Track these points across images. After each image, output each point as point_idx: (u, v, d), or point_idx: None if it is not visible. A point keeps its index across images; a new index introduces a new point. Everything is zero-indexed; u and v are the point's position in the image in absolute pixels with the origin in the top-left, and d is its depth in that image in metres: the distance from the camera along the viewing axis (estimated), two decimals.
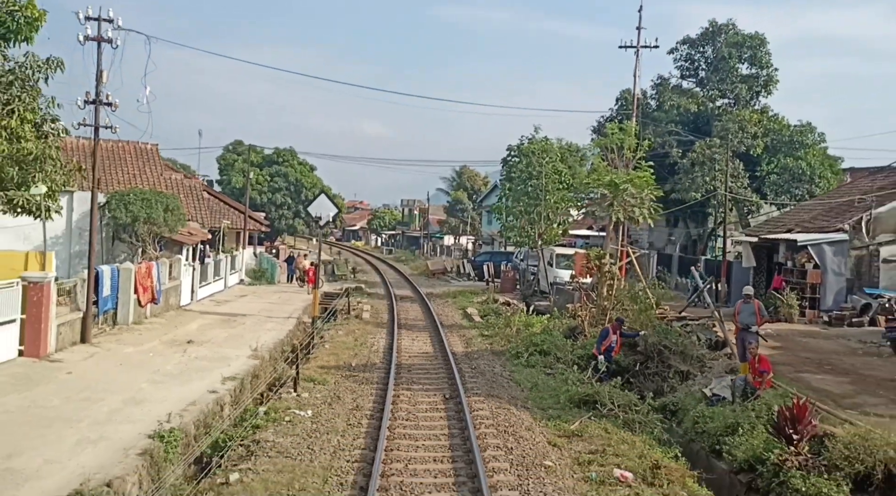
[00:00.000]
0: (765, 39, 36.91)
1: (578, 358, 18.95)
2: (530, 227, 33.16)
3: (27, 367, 14.78)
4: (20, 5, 15.92)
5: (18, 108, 15.56)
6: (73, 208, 26.05)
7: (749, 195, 35.37)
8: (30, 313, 15.27)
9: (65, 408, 12.15)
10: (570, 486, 10.50)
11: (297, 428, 12.64)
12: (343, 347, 21.19)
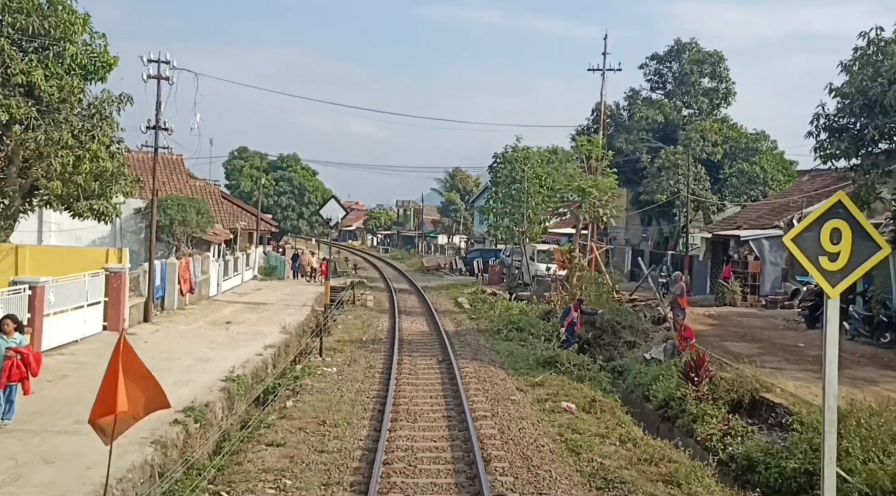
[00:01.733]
0: (723, 56, 41.25)
1: (548, 333, 23.13)
2: (514, 226, 37.35)
3: (112, 338, 18.84)
4: (98, 52, 20.11)
5: (98, 135, 19.71)
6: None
7: (710, 196, 39.60)
8: (111, 297, 19.36)
9: (154, 364, 16.13)
10: (528, 413, 14.62)
11: (327, 378, 16.80)
12: (353, 328, 25.33)
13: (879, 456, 9.61)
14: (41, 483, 9.10)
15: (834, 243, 7.31)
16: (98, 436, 7.73)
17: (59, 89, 18.70)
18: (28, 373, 11.44)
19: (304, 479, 10.22)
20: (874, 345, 20.40)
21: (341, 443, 11.99)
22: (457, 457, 11.40)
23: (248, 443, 11.87)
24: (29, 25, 18.44)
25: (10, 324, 11.40)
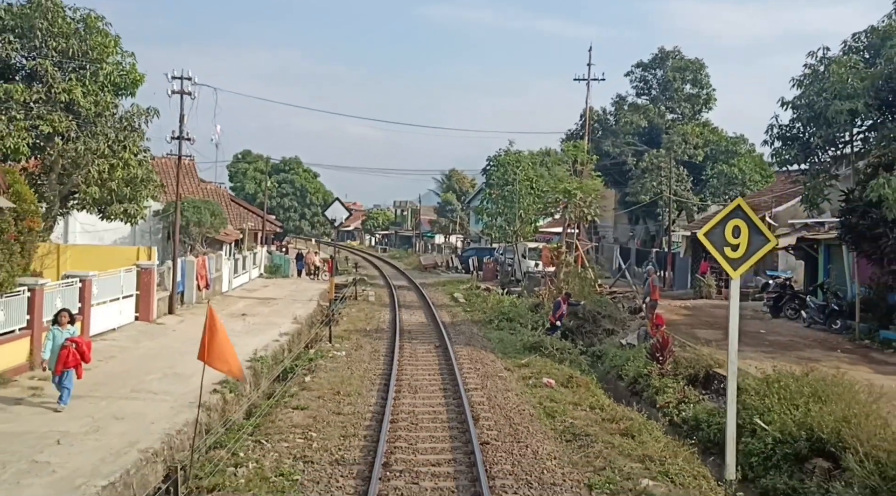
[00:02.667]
0: (703, 64, 43.63)
1: (535, 323, 25.42)
2: (507, 226, 39.63)
3: (144, 327, 21.16)
4: (127, 70, 22.35)
5: (129, 145, 21.97)
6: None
7: (691, 197, 41.93)
8: (142, 290, 21.61)
9: (185, 348, 18.48)
10: (513, 387, 16.90)
11: (337, 360, 19.07)
12: (357, 319, 27.60)
13: (791, 409, 11.88)
14: (117, 433, 11.34)
15: (735, 237, 9.63)
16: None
17: (95, 104, 20.94)
18: (81, 360, 12.73)
19: (326, 433, 12.49)
20: (826, 331, 22.75)
21: (354, 407, 14.27)
22: (451, 417, 13.68)
23: (276, 409, 14.13)
24: (69, 48, 20.73)
25: (65, 316, 12.95)
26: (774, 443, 11.64)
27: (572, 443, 12.48)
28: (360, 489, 9.87)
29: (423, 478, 10.39)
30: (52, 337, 12.64)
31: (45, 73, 20.17)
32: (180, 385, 14.81)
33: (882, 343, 20.49)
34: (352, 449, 11.70)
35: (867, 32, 20.76)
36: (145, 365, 16.41)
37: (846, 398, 11.51)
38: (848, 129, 20.29)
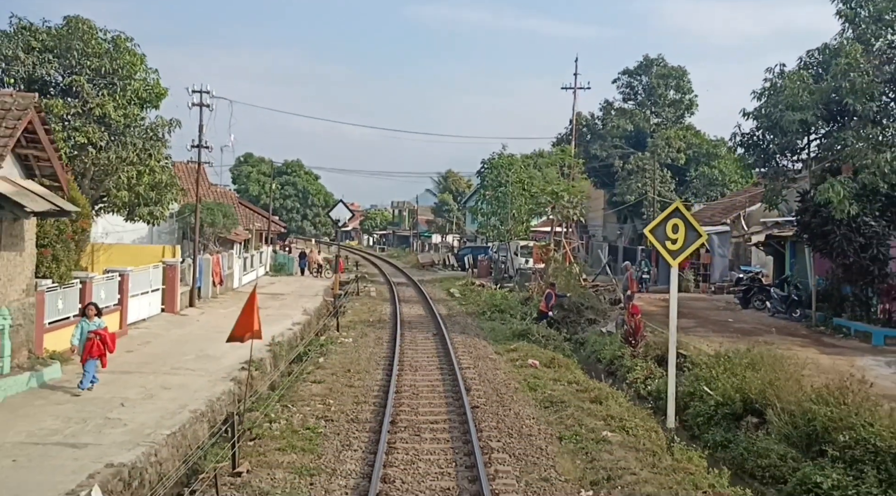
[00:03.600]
0: (686, 71, 46.00)
1: (525, 314, 27.73)
2: (500, 225, 41.95)
3: (170, 318, 23.45)
4: (152, 85, 24.61)
5: (154, 153, 24.25)
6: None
7: (673, 197, 44.24)
8: (167, 285, 23.88)
9: (211, 335, 20.77)
10: (502, 367, 19.19)
11: (346, 346, 21.37)
12: (361, 312, 29.89)
13: (730, 378, 14.20)
14: (168, 399, 13.62)
15: (674, 233, 11.93)
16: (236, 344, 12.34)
17: (125, 117, 23.21)
18: (105, 349, 13.93)
19: (341, 400, 14.79)
20: (787, 319, 25.10)
21: (363, 381, 16.58)
22: (447, 389, 15.99)
23: (296, 383, 16.42)
24: (102, 66, 22.99)
25: (92, 309, 14.07)
26: (717, 405, 13.97)
27: (549, 408, 14.78)
28: (373, 439, 12.15)
29: (424, 431, 12.70)
30: (81, 328, 13.80)
31: (80, 90, 22.47)
32: (212, 364, 17.10)
33: (834, 329, 22.83)
34: (364, 411, 14.01)
35: (820, 49, 23.07)
36: (179, 348, 18.70)
37: (774, 367, 13.82)
38: (801, 137, 22.63)
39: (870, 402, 11.12)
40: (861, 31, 21.39)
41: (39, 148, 13.91)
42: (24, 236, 14.28)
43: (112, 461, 9.94)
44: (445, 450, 11.75)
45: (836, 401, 11.33)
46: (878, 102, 20.00)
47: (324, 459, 11.11)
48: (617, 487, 9.94)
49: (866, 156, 19.90)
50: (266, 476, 10.19)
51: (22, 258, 14.26)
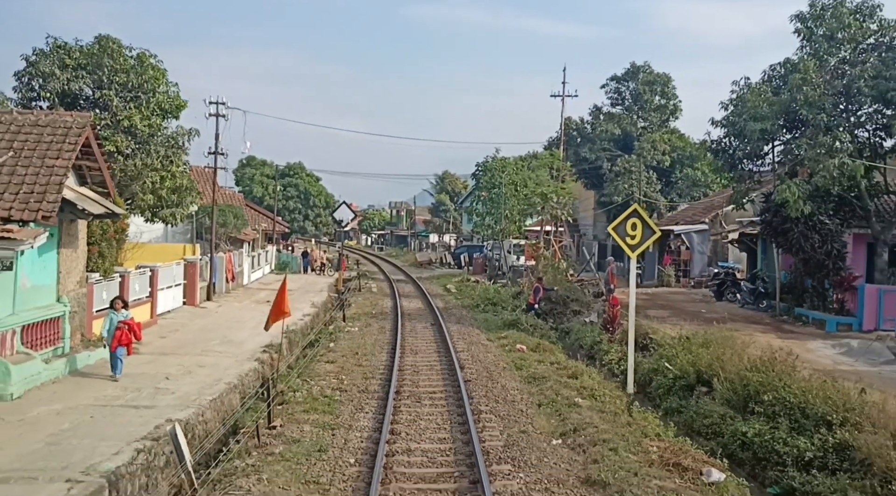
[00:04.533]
0: (670, 78, 48.33)
1: (515, 306, 30.05)
2: (495, 225, 44.22)
3: (191, 310, 25.73)
4: (173, 97, 26.86)
5: (175, 160, 26.52)
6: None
7: (659, 198, 46.63)
8: (188, 280, 26.15)
9: (230, 325, 23.08)
10: (492, 351, 21.49)
11: (352, 334, 23.67)
12: (364, 306, 32.18)
13: (687, 354, 16.52)
14: (204, 374, 15.89)
15: (633, 230, 14.23)
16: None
17: (149, 127, 25.47)
18: (132, 338, 15.18)
19: (352, 376, 17.08)
20: (755, 310, 27.44)
21: (370, 362, 18.88)
22: (443, 368, 18.30)
23: (312, 363, 18.71)
24: (129, 81, 25.26)
25: (119, 303, 15.73)
26: (675, 378, 16.30)
27: (532, 383, 17.09)
28: (381, 404, 14.44)
29: (424, 399, 15.02)
30: (110, 319, 14.99)
31: (109, 103, 24.76)
32: (236, 348, 19.39)
33: (795, 317, 25.18)
34: (372, 384, 16.32)
35: (782, 64, 25.39)
36: (205, 335, 20.99)
37: (722, 345, 16.15)
38: (763, 144, 24.95)
39: (792, 370, 13.44)
40: (816, 48, 23.72)
41: (92, 159, 16.17)
42: (78, 235, 16.56)
43: (170, 417, 12.22)
44: (442, 412, 14.06)
45: (765, 369, 13.64)
46: (828, 113, 22.29)
47: (341, 418, 13.41)
48: (581, 436, 12.24)
49: (819, 161, 22.22)
50: (296, 429, 12.48)
51: (76, 254, 16.55)
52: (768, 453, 11.58)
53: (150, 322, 21.35)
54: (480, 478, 9.87)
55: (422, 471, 10.65)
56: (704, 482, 10.18)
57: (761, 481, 11.44)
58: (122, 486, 9.55)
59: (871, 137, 24.35)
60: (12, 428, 11.39)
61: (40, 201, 13.51)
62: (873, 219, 23.91)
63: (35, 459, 9.94)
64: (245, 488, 9.54)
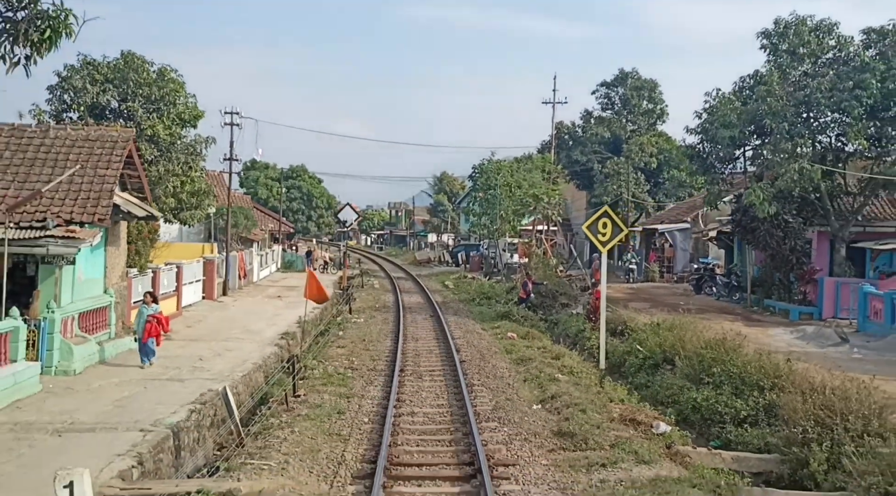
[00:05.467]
0: (657, 83, 50.68)
1: (508, 300, 32.37)
2: (490, 225, 46.51)
3: (210, 304, 28.01)
4: (191, 107, 29.13)
5: (194, 165, 28.80)
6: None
7: (646, 198, 48.96)
8: (207, 276, 28.44)
9: (248, 316, 25.37)
10: (486, 338, 23.78)
11: (359, 324, 25.98)
12: (367, 300, 34.48)
13: (655, 337, 18.81)
14: (231, 357, 18.16)
15: (604, 228, 16.53)
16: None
17: (170, 136, 27.70)
18: (161, 330, 16.83)
19: (361, 359, 19.38)
20: (729, 302, 29.76)
21: (376, 347, 21.19)
22: (441, 352, 20.61)
23: (324, 348, 21.00)
24: (151, 93, 27.50)
25: (149, 297, 17.65)
26: (644, 358, 18.60)
27: (520, 364, 19.38)
28: (387, 380, 16.73)
29: (424, 375, 17.33)
30: (140, 313, 16.58)
31: (134, 114, 27.02)
32: (255, 335, 21.68)
33: (764, 308, 27.51)
34: (379, 364, 18.63)
35: (751, 75, 27.68)
36: (226, 325, 23.28)
37: (684, 329, 18.44)
38: (734, 149, 27.26)
39: (738, 347, 15.74)
40: (780, 62, 26.04)
41: (132, 168, 18.46)
42: (121, 235, 18.85)
43: (210, 388, 14.50)
44: (440, 385, 16.37)
45: (716, 348, 15.94)
46: (789, 122, 24.59)
47: (354, 390, 15.71)
48: (557, 402, 14.53)
49: (782, 165, 24.53)
50: (317, 397, 14.78)
51: (119, 252, 18.84)
52: (713, 414, 13.86)
53: (175, 313, 23.63)
54: (472, 430, 12.15)
55: (424, 427, 12.96)
56: (654, 432, 12.47)
57: (707, 437, 13.71)
58: (182, 437, 11.85)
59: (833, 143, 26.69)
60: (83, 395, 13.70)
61: (95, 206, 15.80)
62: (832, 217, 26.20)
63: (109, 417, 12.24)
64: (281, 437, 11.82)
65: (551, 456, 11.44)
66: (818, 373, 13.24)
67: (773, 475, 11.25)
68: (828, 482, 10.13)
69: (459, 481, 10.27)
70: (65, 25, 11.05)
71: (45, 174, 16.29)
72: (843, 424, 10.75)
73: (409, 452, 11.46)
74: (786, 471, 11.08)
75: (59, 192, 15.76)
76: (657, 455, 11.24)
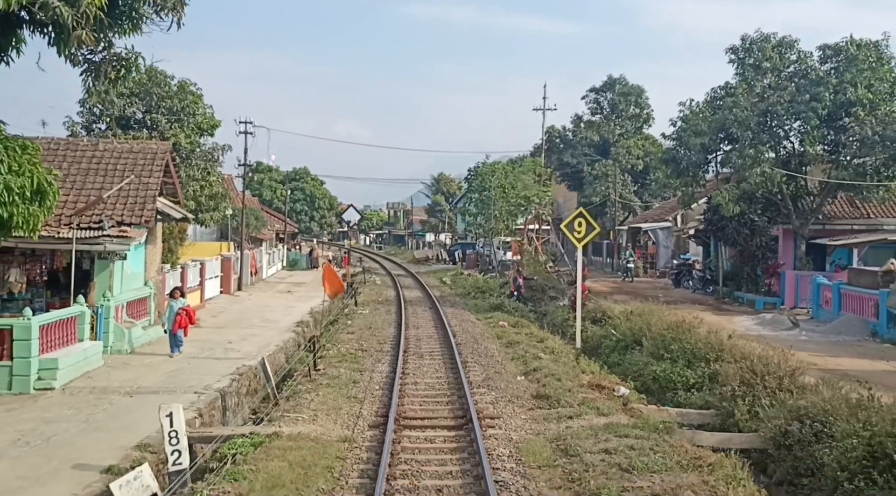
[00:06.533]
0: (643, 89, 53.43)
1: (500, 294, 35.01)
2: (485, 224, 49.12)
3: (228, 297, 30.62)
4: (208, 117, 31.74)
5: (211, 171, 31.42)
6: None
7: (633, 199, 51.62)
8: (224, 272, 31.04)
9: (264, 308, 27.97)
10: (480, 326, 26.38)
11: (364, 315, 28.59)
12: (371, 295, 37.08)
13: (627, 322, 21.44)
14: (255, 341, 20.78)
15: (579, 227, 19.16)
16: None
17: (190, 144, 30.35)
18: (189, 322, 18.87)
19: (369, 342, 21.99)
20: (703, 294, 32.42)
21: (382, 333, 23.81)
22: (440, 336, 23.24)
23: (335, 334, 23.61)
24: (173, 105, 30.13)
25: (177, 292, 19.73)
26: (617, 341, 21.22)
27: (509, 347, 21.98)
28: (393, 359, 19.32)
29: (425, 355, 19.96)
30: (170, 307, 18.32)
31: (158, 124, 29.64)
32: (274, 324, 24.31)
33: (734, 299, 30.20)
34: (385, 347, 21.25)
35: (722, 87, 30.35)
36: (246, 315, 25.90)
37: (654, 314, 21.07)
38: (705, 154, 29.93)
39: (692, 328, 18.38)
40: (746, 75, 28.71)
41: (168, 176, 21.05)
42: (157, 235, 21.46)
43: (243, 364, 17.12)
44: (439, 363, 19.00)
45: (675, 329, 18.57)
46: (753, 131, 27.25)
47: (365, 366, 18.33)
48: (538, 374, 17.14)
49: (746, 169, 27.20)
50: (334, 371, 17.39)
51: (156, 249, 21.44)
52: (668, 382, 16.47)
53: (199, 305, 26.23)
54: (465, 394, 14.77)
55: (426, 393, 15.60)
56: (615, 395, 15.09)
57: (662, 401, 16.30)
58: (227, 399, 14.46)
59: (796, 148, 29.36)
60: (139, 369, 16.34)
61: (142, 210, 18.41)
62: (794, 216, 28.88)
63: (166, 384, 14.87)
64: (309, 399, 14.43)
65: (530, 412, 14.06)
66: (753, 348, 15.88)
67: (708, 426, 13.87)
68: (746, 427, 12.74)
69: (455, 429, 12.89)
70: (135, 65, 13.75)
71: (98, 182, 18.90)
72: (762, 383, 13.37)
73: (413, 409, 14.09)
74: (717, 422, 13.70)
75: (111, 198, 18.35)
76: (615, 410, 13.83)
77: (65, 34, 11.98)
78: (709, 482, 9.58)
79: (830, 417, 11.00)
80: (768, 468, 11.84)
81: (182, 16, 13.65)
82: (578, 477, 9.99)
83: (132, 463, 9.89)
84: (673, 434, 12.13)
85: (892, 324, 20.47)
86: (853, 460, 9.89)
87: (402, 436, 12.39)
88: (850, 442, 10.08)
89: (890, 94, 26.21)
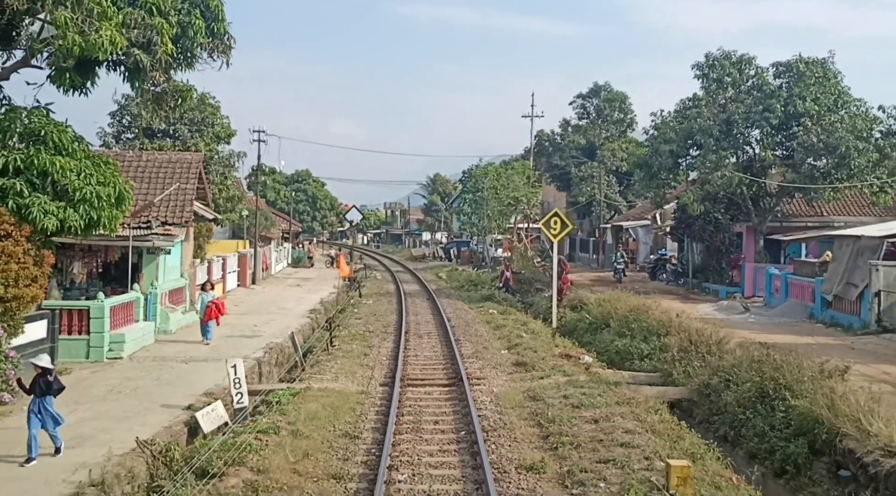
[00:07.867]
0: (626, 96, 56.76)
1: (491, 286, 38.32)
2: (479, 223, 52.41)
3: (245, 290, 33.85)
4: (225, 126, 34.97)
5: (228, 175, 34.65)
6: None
7: (618, 199, 54.94)
8: (241, 268, 34.26)
9: (278, 299, 31.21)
10: (472, 313, 29.64)
11: (369, 305, 31.86)
12: (372, 288, 40.35)
13: (600, 307, 24.73)
14: (277, 325, 24.00)
15: (555, 225, 22.43)
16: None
17: (210, 151, 33.55)
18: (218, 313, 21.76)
19: (374, 327, 25.25)
20: (675, 285, 35.73)
21: (386, 319, 27.09)
22: (437, 323, 26.52)
23: (345, 320, 26.87)
24: (194, 116, 33.34)
25: (208, 286, 22.94)
26: (590, 323, 24.51)
27: (496, 329, 25.26)
28: (396, 339, 22.58)
29: (424, 336, 23.24)
30: (201, 299, 20.69)
31: (180, 134, 32.86)
32: (289, 312, 27.57)
33: (701, 289, 33.50)
34: (389, 329, 24.52)
35: (690, 98, 33.65)
36: (264, 305, 29.14)
37: (620, 300, 24.36)
38: (674, 159, 33.23)
39: (649, 309, 21.67)
40: (709, 88, 32.02)
41: (200, 182, 24.27)
42: (190, 233, 24.68)
43: (271, 342, 20.36)
44: (435, 341, 22.29)
45: (636, 310, 21.86)
46: (715, 138, 30.55)
47: (373, 343, 21.60)
48: (519, 348, 20.42)
49: (710, 173, 30.50)
50: (347, 347, 20.66)
51: (189, 245, 24.66)
52: (627, 354, 19.75)
53: (222, 296, 29.41)
54: (457, 363, 18.05)
55: (425, 362, 18.88)
56: (581, 362, 18.38)
57: (621, 369, 19.62)
58: (262, 367, 17.71)
59: (757, 154, 32.64)
60: (186, 344, 19.59)
61: (182, 211, 21.64)
62: (753, 215, 32.19)
63: (212, 354, 18.12)
64: (329, 366, 17.68)
65: (510, 375, 17.34)
66: (693, 324, 19.20)
67: (653, 385, 17.15)
68: (680, 383, 16.03)
69: (448, 386, 16.17)
70: (189, 94, 17.06)
71: (143, 188, 22.14)
72: (696, 350, 16.67)
73: (415, 373, 17.38)
74: (660, 381, 16.98)
75: (161, 202, 21.59)
76: (578, 372, 17.13)
77: (141, 73, 15.31)
78: (635, 412, 12.89)
79: (736, 371, 14.29)
80: (693, 412, 15.14)
81: (230, 57, 16.97)
82: (541, 411, 13.29)
83: (203, 404, 13.14)
84: (620, 388, 15.42)
85: (826, 308, 23.78)
86: (747, 399, 13.18)
87: (406, 389, 15.67)
88: (746, 386, 13.38)
89: (834, 105, 29.52)
